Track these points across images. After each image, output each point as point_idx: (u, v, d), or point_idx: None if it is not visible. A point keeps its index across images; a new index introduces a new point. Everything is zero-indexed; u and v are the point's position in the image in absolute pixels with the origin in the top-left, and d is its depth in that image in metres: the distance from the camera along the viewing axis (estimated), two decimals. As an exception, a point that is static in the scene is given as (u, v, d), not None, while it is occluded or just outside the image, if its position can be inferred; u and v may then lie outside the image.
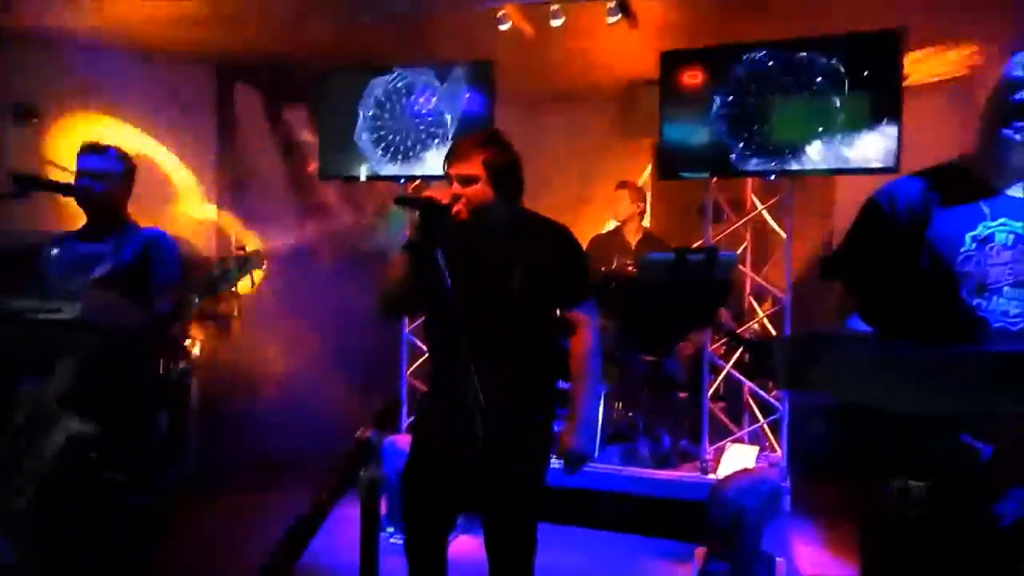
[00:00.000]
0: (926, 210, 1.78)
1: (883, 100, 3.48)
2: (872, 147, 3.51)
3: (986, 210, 1.77)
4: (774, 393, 3.70)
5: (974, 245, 1.75)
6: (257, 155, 5.45)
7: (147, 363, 2.38)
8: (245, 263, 2.36)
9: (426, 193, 2.31)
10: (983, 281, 1.73)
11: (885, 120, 3.47)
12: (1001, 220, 1.76)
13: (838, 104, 3.55)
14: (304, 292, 5.04)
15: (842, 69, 3.53)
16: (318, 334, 4.88)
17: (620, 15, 4.00)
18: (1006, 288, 1.73)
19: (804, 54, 3.61)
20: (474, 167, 2.16)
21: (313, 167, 5.48)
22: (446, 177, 2.23)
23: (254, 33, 4.51)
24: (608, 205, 4.86)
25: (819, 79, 3.57)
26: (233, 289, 2.36)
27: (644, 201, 4.74)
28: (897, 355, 1.14)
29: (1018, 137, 1.70)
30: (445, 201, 2.15)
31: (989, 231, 1.75)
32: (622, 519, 4.11)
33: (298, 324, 4.83)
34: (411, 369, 4.35)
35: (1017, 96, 1.68)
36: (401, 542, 2.41)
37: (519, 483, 2.25)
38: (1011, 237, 1.74)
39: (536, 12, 4.26)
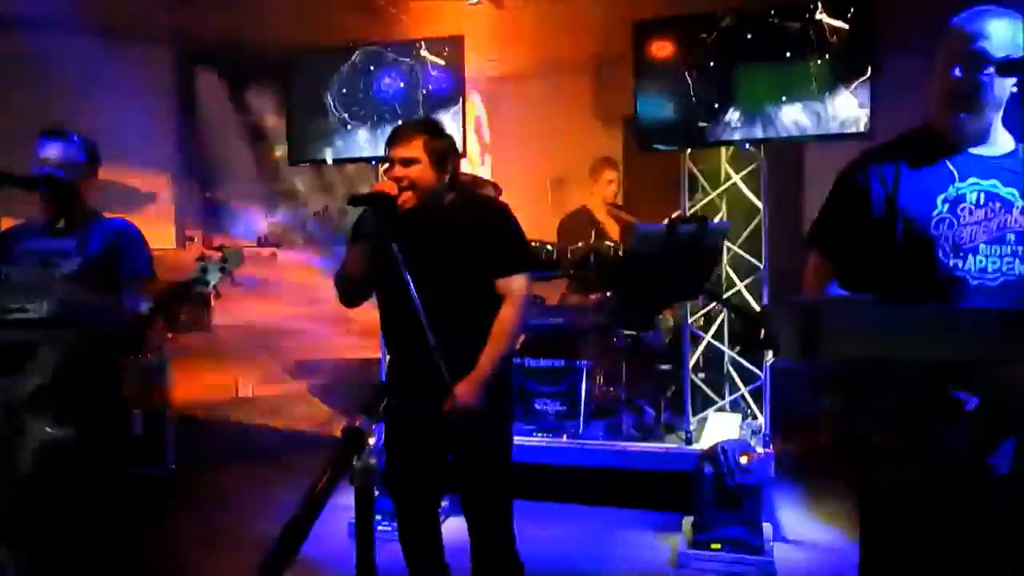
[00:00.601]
0: (895, 177, 1.82)
1: (856, 64, 3.47)
2: (846, 112, 3.51)
3: (954, 171, 1.80)
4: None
5: (946, 207, 1.79)
6: (221, 140, 5.32)
7: (121, 362, 2.30)
8: (225, 263, 2.31)
9: (375, 186, 2.37)
10: (957, 242, 1.77)
11: (857, 85, 3.47)
12: (971, 180, 1.80)
13: (811, 69, 3.54)
14: (273, 280, 4.96)
15: (814, 34, 3.52)
16: (292, 323, 4.81)
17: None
18: (981, 246, 1.77)
19: (775, 19, 3.59)
20: (415, 149, 2.32)
21: (279, 153, 5.39)
22: (388, 160, 2.37)
23: (216, 14, 4.37)
24: (580, 183, 4.83)
25: (791, 44, 3.55)
26: (210, 288, 2.30)
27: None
28: (899, 315, 1.13)
29: (979, 101, 1.74)
30: (391, 192, 2.28)
31: (959, 192, 1.79)
32: (608, 493, 4.13)
33: (270, 312, 4.75)
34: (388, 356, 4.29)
35: (960, 68, 1.72)
36: (390, 529, 2.41)
37: (488, 433, 2.40)
38: (981, 196, 1.79)
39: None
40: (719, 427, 4.02)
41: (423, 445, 2.45)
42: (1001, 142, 1.84)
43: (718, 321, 4.19)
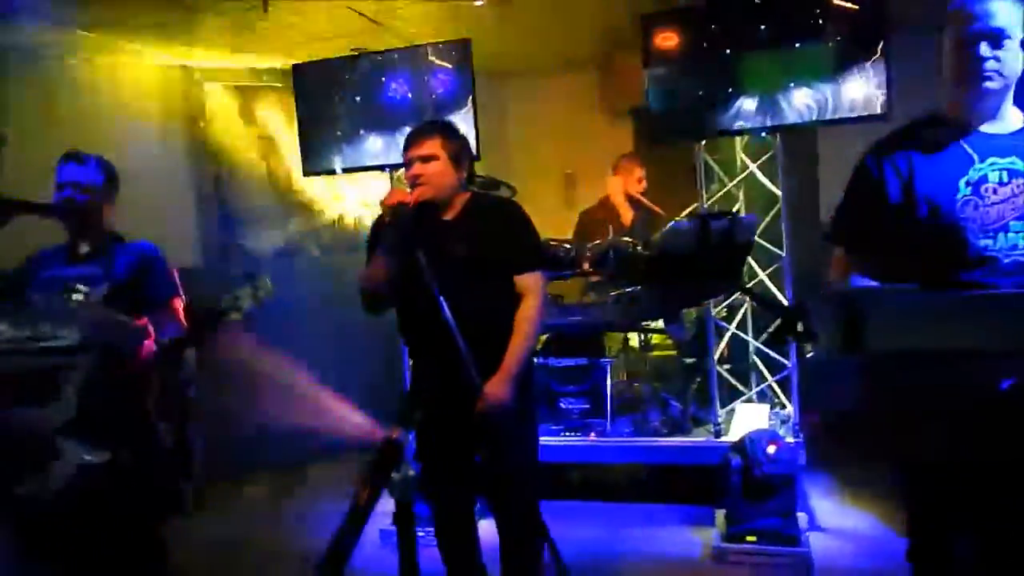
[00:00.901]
0: (910, 166, 1.83)
1: (867, 45, 3.43)
2: (860, 94, 3.47)
3: (972, 153, 1.81)
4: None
5: (968, 189, 1.79)
6: (233, 154, 5.33)
7: (153, 385, 2.30)
8: (256, 290, 2.32)
9: (389, 196, 2.37)
10: (985, 222, 1.77)
11: (870, 66, 3.43)
12: (990, 159, 1.80)
13: (820, 52, 3.51)
14: (294, 294, 4.96)
15: (822, 16, 3.48)
16: (315, 337, 4.82)
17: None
18: (1011, 223, 1.77)
19: (783, 4, 3.56)
20: (433, 147, 2.39)
21: (290, 164, 5.40)
22: (406, 163, 2.42)
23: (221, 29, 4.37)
24: (594, 179, 4.80)
25: (799, 28, 3.52)
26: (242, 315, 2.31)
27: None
28: (942, 301, 1.11)
29: (994, 87, 1.75)
30: (405, 199, 2.33)
31: (980, 173, 1.79)
32: (639, 490, 4.12)
33: (292, 326, 4.75)
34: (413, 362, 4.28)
35: (975, 48, 1.72)
36: (424, 535, 2.41)
37: (513, 433, 2.40)
38: (1004, 174, 1.79)
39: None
40: (747, 418, 3.99)
41: (457, 447, 2.49)
42: (1010, 119, 1.85)
43: (741, 312, 4.16)
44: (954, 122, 1.84)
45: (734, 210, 4.13)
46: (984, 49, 1.73)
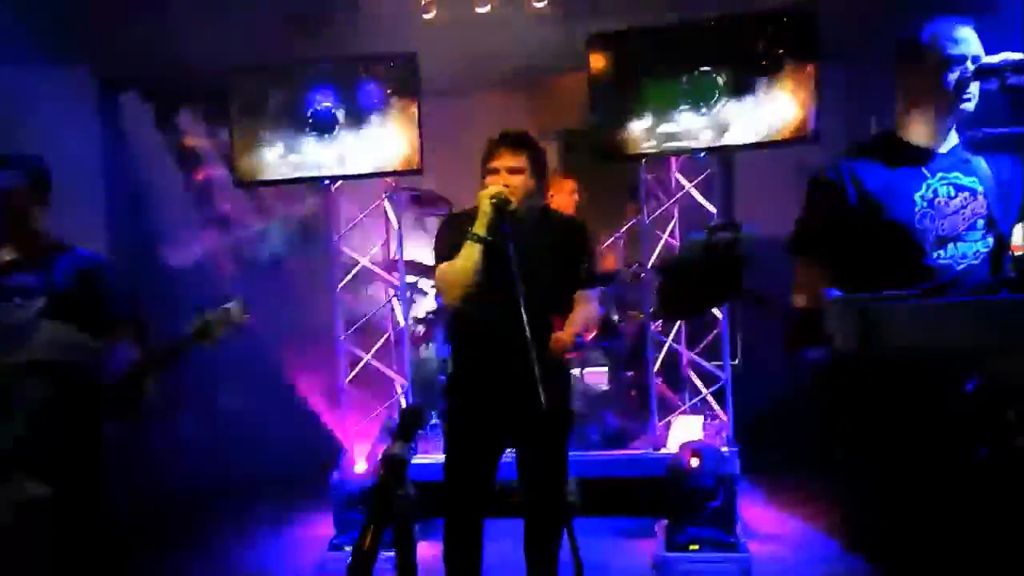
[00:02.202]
0: (869, 178, 1.94)
1: (798, 73, 3.62)
2: (791, 118, 3.66)
3: (924, 171, 1.95)
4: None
5: (924, 203, 1.92)
6: (149, 166, 5.06)
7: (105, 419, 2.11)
8: (228, 315, 2.19)
9: (491, 188, 2.44)
10: (941, 233, 1.91)
11: (801, 90, 3.62)
12: (939, 175, 1.94)
13: (754, 76, 3.67)
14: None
15: (758, 45, 3.65)
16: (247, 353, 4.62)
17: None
18: (963, 232, 1.92)
19: (716, 32, 3.71)
20: (521, 159, 2.47)
21: (212, 174, 5.19)
22: (489, 171, 2.49)
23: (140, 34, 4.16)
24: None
25: (734, 52, 3.68)
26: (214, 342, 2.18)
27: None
28: (940, 308, 1.19)
29: (972, 109, 1.88)
30: (505, 194, 2.41)
31: (932, 187, 1.94)
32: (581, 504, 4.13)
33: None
34: (349, 378, 4.18)
35: (961, 72, 1.85)
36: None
37: (559, 407, 2.48)
38: (952, 188, 1.94)
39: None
40: (684, 430, 4.09)
41: (492, 445, 2.58)
42: (950, 138, 2.00)
43: (676, 326, 4.28)
44: (911, 143, 1.97)
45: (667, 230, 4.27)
46: (966, 72, 1.85)
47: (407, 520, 1.56)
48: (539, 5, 4.14)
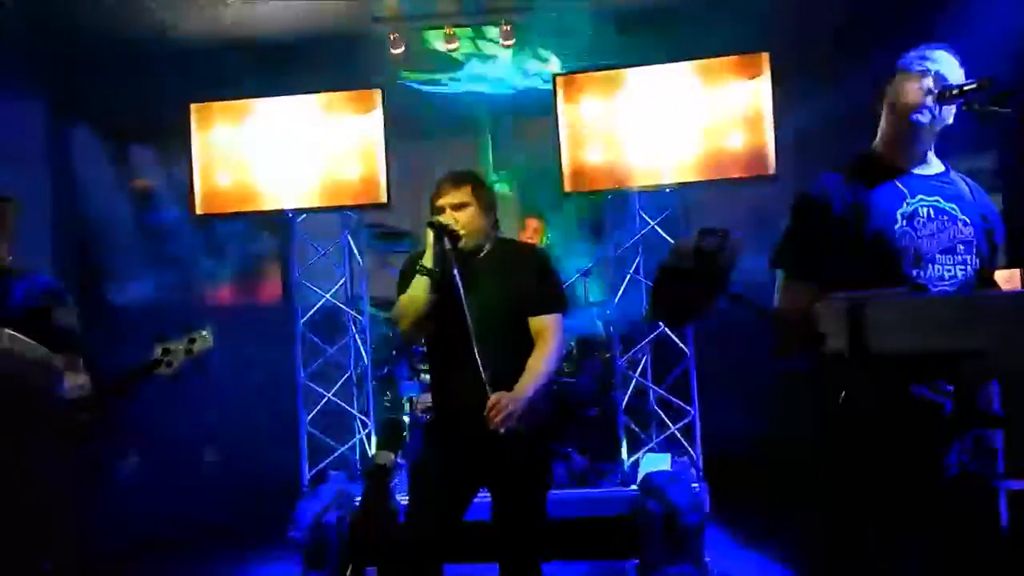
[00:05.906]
0: (854, 194, 1.98)
1: (756, 112, 3.74)
2: (751, 154, 3.75)
3: (904, 190, 1.99)
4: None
5: (904, 222, 1.96)
6: (99, 203, 4.89)
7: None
8: (192, 345, 2.10)
9: (439, 220, 2.45)
10: (918, 253, 1.94)
11: (761, 126, 3.73)
12: (919, 196, 1.99)
13: (715, 117, 3.78)
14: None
15: (716, 86, 3.77)
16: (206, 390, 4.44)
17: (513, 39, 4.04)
18: (937, 255, 1.95)
19: (681, 73, 3.83)
20: (465, 195, 2.47)
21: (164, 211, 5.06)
22: (436, 211, 2.48)
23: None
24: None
25: (697, 96, 3.78)
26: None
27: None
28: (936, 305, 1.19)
29: (924, 121, 1.94)
30: (452, 226, 2.41)
31: (912, 207, 1.97)
32: (549, 546, 4.02)
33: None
34: (310, 416, 4.04)
35: (919, 85, 1.93)
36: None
37: (532, 450, 2.45)
38: (931, 211, 1.98)
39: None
40: (651, 467, 4.05)
41: (461, 477, 2.43)
42: (934, 163, 2.05)
43: (643, 361, 4.27)
44: (889, 162, 2.02)
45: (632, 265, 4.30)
46: (924, 86, 1.92)
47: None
48: (507, 44, 4.19)
